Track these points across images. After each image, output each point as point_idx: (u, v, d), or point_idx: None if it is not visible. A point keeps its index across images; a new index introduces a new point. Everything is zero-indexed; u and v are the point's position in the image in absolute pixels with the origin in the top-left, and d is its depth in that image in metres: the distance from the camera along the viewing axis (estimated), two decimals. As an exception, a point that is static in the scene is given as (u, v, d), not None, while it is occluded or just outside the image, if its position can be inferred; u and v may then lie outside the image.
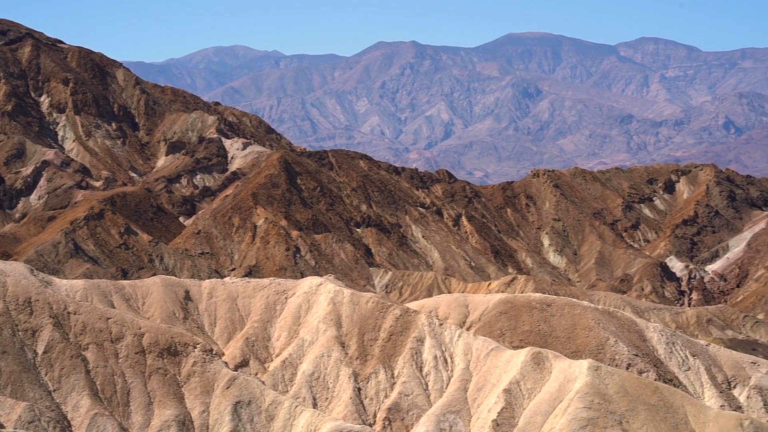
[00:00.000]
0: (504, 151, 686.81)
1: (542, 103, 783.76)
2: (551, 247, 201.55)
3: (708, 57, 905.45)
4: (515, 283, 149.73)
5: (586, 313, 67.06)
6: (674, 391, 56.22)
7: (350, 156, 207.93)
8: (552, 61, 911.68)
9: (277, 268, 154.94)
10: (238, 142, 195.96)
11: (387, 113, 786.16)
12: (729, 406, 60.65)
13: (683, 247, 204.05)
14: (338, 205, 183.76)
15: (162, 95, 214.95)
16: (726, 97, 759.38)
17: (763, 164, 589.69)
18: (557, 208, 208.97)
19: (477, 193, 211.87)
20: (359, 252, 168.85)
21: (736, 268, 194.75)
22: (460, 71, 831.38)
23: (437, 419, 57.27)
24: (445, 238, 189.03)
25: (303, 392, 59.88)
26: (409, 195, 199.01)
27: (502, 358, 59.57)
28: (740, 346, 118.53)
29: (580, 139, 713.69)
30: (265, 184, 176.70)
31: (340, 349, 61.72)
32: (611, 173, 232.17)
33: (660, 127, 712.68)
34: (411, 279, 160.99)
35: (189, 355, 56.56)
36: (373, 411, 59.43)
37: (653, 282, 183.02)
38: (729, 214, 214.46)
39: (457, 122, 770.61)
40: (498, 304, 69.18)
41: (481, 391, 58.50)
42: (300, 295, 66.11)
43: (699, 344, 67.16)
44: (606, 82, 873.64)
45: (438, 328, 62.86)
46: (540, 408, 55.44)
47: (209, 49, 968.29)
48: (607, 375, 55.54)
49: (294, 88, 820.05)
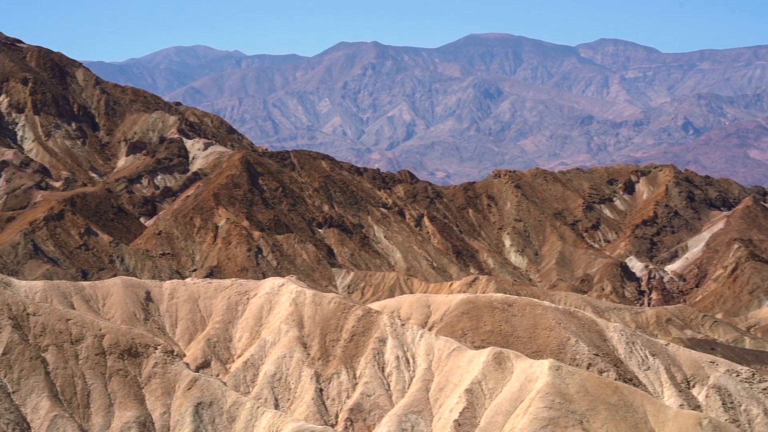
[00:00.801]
0: (465, 151, 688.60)
1: (503, 104, 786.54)
2: (512, 248, 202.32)
3: (667, 58, 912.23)
4: (477, 283, 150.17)
5: (547, 313, 67.38)
6: (634, 391, 56.62)
7: (312, 156, 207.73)
8: (513, 62, 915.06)
9: (238, 268, 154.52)
10: (200, 142, 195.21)
11: (349, 114, 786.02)
12: (688, 406, 61.15)
13: (643, 247, 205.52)
14: (300, 206, 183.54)
15: (122, 95, 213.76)
16: (685, 99, 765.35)
17: (722, 165, 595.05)
18: (518, 208, 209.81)
19: (439, 193, 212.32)
20: (321, 252, 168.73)
21: (695, 268, 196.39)
22: (422, 72, 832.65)
23: (399, 419, 57.35)
24: (407, 239, 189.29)
25: (265, 393, 59.78)
26: (371, 195, 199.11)
27: (463, 358, 59.74)
28: (699, 346, 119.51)
29: (541, 140, 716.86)
30: (226, 184, 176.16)
31: (302, 350, 61.67)
32: (572, 174, 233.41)
33: (620, 128, 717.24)
34: (373, 279, 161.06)
35: (150, 356, 56.33)
36: (335, 411, 59.43)
37: (613, 282, 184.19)
38: (688, 214, 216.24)
39: (419, 123, 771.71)
40: (460, 304, 69.35)
41: (442, 392, 58.65)
42: (262, 295, 65.99)
43: (658, 344, 67.66)
44: (566, 83, 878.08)
45: (400, 329, 62.95)
46: (501, 408, 55.66)
47: (170, 49, 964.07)
48: (567, 375, 55.85)
49: (256, 89, 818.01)
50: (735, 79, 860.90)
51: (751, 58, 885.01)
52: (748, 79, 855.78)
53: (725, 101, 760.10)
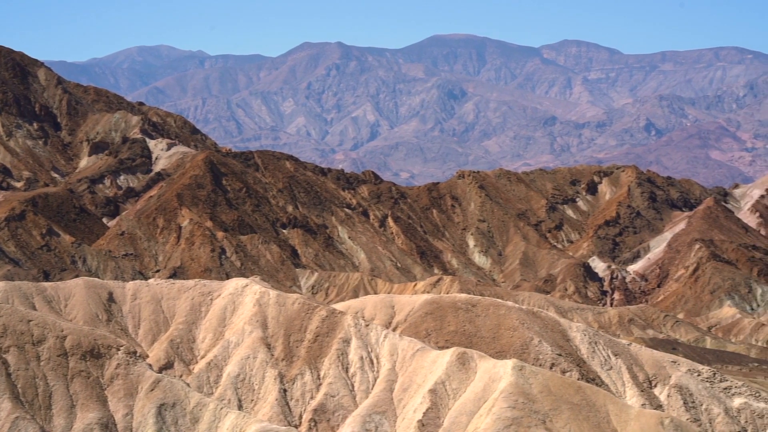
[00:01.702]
0: (430, 152, 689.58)
1: (467, 105, 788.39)
2: (476, 248, 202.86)
3: (629, 60, 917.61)
4: (441, 283, 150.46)
5: (510, 313, 67.62)
6: (597, 391, 56.93)
7: (276, 157, 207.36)
8: (477, 62, 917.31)
9: (202, 269, 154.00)
10: (163, 142, 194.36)
11: (313, 114, 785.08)
12: (650, 405, 61.55)
13: (605, 247, 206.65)
14: (264, 206, 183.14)
15: (85, 95, 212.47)
16: (647, 100, 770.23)
17: (683, 166, 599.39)
18: (482, 209, 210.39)
19: (403, 194, 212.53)
20: (285, 253, 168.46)
21: (656, 269, 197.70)
22: (386, 72, 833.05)
23: (363, 420, 57.38)
24: (371, 239, 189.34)
25: (228, 394, 59.63)
26: (335, 196, 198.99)
27: (427, 358, 59.84)
28: (661, 346, 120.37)
29: (505, 141, 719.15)
30: (190, 184, 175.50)
31: (266, 351, 61.56)
32: (535, 174, 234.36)
33: (583, 129, 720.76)
34: (337, 280, 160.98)
35: (112, 357, 56.04)
36: (299, 412, 59.37)
37: (576, 282, 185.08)
38: (650, 214, 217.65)
39: (383, 123, 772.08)
40: (424, 304, 69.47)
41: (406, 392, 58.73)
42: (225, 296, 65.81)
43: (621, 344, 68.05)
44: (530, 84, 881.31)
45: (364, 329, 62.99)
46: (465, 408, 55.81)
47: (133, 48, 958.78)
48: (531, 375, 56.07)
49: (219, 89, 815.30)
50: (696, 80, 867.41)
51: (713, 59, 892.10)
52: (709, 80, 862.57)
53: (687, 102, 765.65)
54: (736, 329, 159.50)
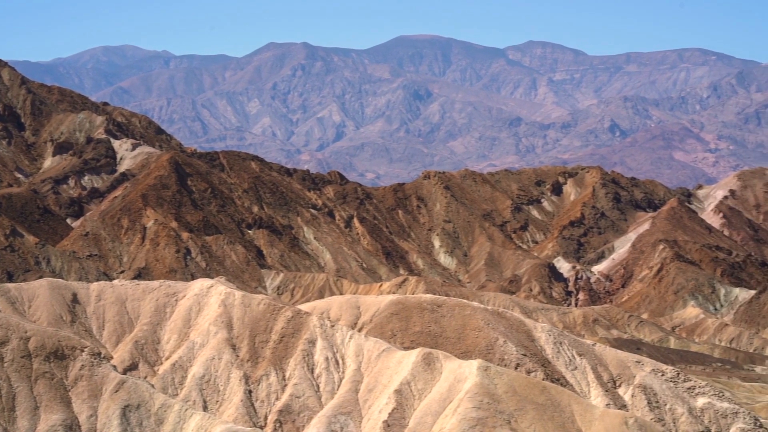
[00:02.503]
0: (395, 152, 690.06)
1: (433, 106, 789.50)
2: (442, 249, 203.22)
3: (594, 61, 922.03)
4: (406, 284, 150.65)
5: (475, 313, 67.78)
6: (561, 391, 57.18)
7: (241, 157, 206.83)
8: (442, 63, 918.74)
9: (167, 270, 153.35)
10: (127, 142, 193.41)
11: (278, 114, 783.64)
12: (614, 405, 61.87)
13: (570, 248, 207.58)
14: (229, 207, 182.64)
15: (49, 95, 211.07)
16: (611, 101, 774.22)
17: (647, 167, 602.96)
18: (448, 209, 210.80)
19: (368, 194, 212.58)
20: (251, 254, 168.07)
21: (621, 269, 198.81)
22: (352, 73, 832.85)
23: (328, 420, 57.36)
24: (336, 240, 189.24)
25: (193, 395, 59.44)
26: (300, 196, 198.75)
27: (393, 359, 59.90)
28: (625, 346, 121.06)
29: (470, 141, 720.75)
30: (154, 185, 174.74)
31: (231, 352, 61.41)
32: (500, 175, 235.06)
33: (548, 130, 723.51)
34: (303, 281, 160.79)
35: (76, 358, 55.74)
36: (264, 413, 59.27)
37: (541, 282, 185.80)
38: (614, 215, 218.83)
39: (348, 124, 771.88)
40: (389, 305, 69.51)
41: (372, 392, 58.76)
42: (190, 297, 65.59)
43: (585, 344, 68.37)
44: (495, 84, 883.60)
45: (329, 330, 62.96)
46: (430, 408, 55.91)
47: (97, 48, 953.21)
48: (496, 375, 56.25)
49: (184, 89, 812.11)
50: (660, 81, 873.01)
51: (676, 61, 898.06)
52: (673, 81, 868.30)
53: (651, 103, 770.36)
54: (699, 329, 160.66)
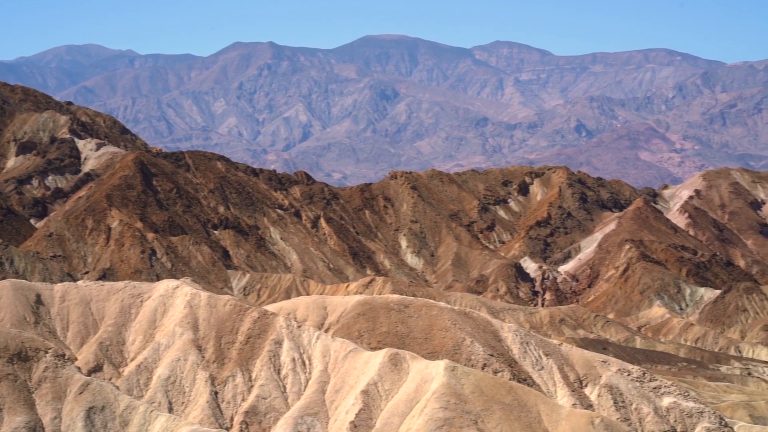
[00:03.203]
0: (362, 152, 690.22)
1: (399, 105, 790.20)
2: (409, 249, 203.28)
3: (560, 61, 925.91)
4: (373, 284, 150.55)
5: (442, 314, 67.70)
6: (528, 391, 57.21)
7: (207, 157, 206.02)
8: (409, 63, 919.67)
9: (132, 270, 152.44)
10: (92, 142, 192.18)
11: (244, 114, 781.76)
12: (581, 405, 61.96)
13: (537, 248, 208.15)
14: (195, 207, 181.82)
15: (12, 94, 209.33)
16: (577, 101, 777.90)
17: (613, 167, 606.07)
18: (414, 209, 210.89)
19: (335, 194, 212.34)
20: (216, 254, 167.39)
21: (587, 269, 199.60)
22: (318, 73, 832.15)
23: (295, 422, 57.13)
24: (303, 240, 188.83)
25: (158, 397, 59.04)
26: (267, 197, 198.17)
27: (360, 359, 59.74)
28: (591, 346, 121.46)
29: (437, 142, 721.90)
30: (119, 185, 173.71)
31: (197, 353, 61.05)
32: (467, 175, 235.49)
33: (514, 130, 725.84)
34: (269, 281, 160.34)
35: (40, 360, 55.22)
36: (231, 414, 58.95)
37: (508, 283, 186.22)
38: (581, 215, 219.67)
39: (315, 124, 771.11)
40: (356, 305, 69.33)
41: (338, 393, 58.58)
42: (156, 298, 65.15)
43: (552, 344, 68.45)
44: (462, 85, 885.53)
45: (296, 331, 62.70)
46: (397, 409, 55.79)
47: (61, 47, 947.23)
48: (463, 375, 56.20)
49: (149, 88, 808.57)
50: (626, 82, 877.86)
51: (642, 61, 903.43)
52: (638, 82, 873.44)
53: (617, 104, 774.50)
54: (665, 329, 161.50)
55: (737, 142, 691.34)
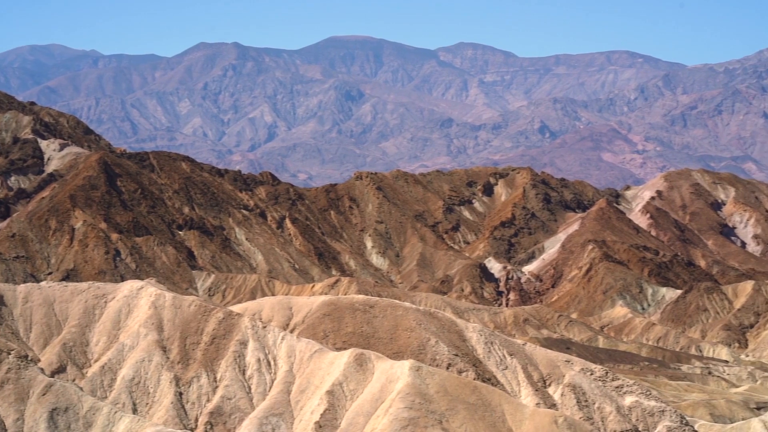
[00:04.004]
0: (327, 153, 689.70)
1: (365, 106, 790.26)
2: (374, 249, 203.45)
3: (524, 63, 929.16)
4: (339, 285, 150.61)
5: (407, 314, 67.92)
6: (492, 390, 57.53)
7: (172, 158, 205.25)
8: (374, 64, 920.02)
9: (96, 271, 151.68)
10: (55, 143, 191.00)
11: (209, 115, 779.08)
12: (544, 404, 62.35)
13: (501, 248, 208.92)
14: (160, 208, 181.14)
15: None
16: (541, 102, 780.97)
17: (576, 168, 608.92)
18: (380, 210, 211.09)
19: (301, 195, 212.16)
20: (181, 255, 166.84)
21: (551, 269, 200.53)
22: (283, 73, 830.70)
23: (260, 422, 57.15)
24: (268, 241, 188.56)
25: (123, 398, 58.88)
26: (232, 197, 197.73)
27: (325, 359, 59.84)
28: (555, 345, 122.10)
29: (402, 142, 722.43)
30: (83, 185, 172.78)
31: (162, 354, 60.93)
32: (432, 176, 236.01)
33: (479, 131, 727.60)
34: (234, 282, 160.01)
35: (3, 361, 54.96)
36: (195, 415, 58.89)
37: (473, 283, 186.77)
38: (544, 216, 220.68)
39: (280, 124, 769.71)
40: (321, 306, 69.42)
41: (304, 393, 58.65)
42: (120, 299, 64.96)
43: (516, 343, 68.83)
44: (426, 86, 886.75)
45: (261, 331, 62.71)
46: (362, 409, 55.94)
47: (24, 47, 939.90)
48: (427, 375, 56.44)
49: (113, 89, 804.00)
50: (589, 83, 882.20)
51: (604, 63, 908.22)
52: (601, 83, 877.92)
53: (580, 105, 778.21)
54: (627, 329, 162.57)
55: (698, 143, 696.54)
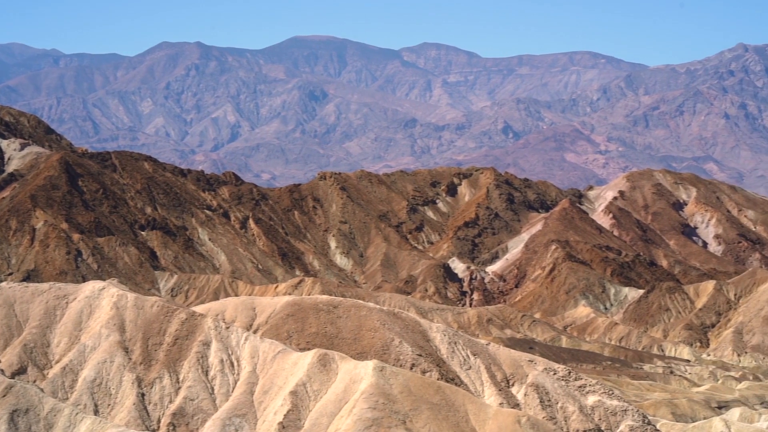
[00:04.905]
0: (291, 153, 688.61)
1: (328, 106, 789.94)
2: (338, 249, 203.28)
3: (487, 63, 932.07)
4: (302, 285, 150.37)
5: (371, 314, 67.87)
6: (456, 390, 57.58)
7: (134, 157, 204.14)
8: (338, 64, 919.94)
9: (57, 272, 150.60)
10: (16, 142, 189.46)
11: (172, 114, 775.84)
12: (507, 404, 62.48)
13: (465, 248, 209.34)
14: (122, 208, 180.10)
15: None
16: (504, 103, 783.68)
17: (540, 168, 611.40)
18: (344, 210, 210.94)
19: (264, 195, 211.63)
20: (144, 255, 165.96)
21: (514, 269, 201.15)
22: (246, 73, 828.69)
23: (223, 423, 56.92)
24: (232, 241, 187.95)
25: (84, 399, 58.47)
26: (195, 197, 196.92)
27: (288, 360, 59.68)
28: (518, 345, 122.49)
29: (366, 143, 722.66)
30: (44, 185, 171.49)
31: (124, 355, 60.56)
32: (396, 176, 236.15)
33: (442, 131, 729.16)
34: (197, 282, 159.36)
35: (-37, 363, 54.46)
36: (158, 416, 58.57)
37: (436, 283, 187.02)
38: (508, 216, 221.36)
39: (243, 124, 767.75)
40: (285, 306, 69.23)
41: (267, 394, 58.47)
42: (81, 299, 64.49)
43: (479, 343, 68.93)
44: (390, 86, 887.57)
45: (224, 332, 62.46)
46: (326, 409, 55.84)
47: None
48: (391, 375, 56.40)
49: (75, 88, 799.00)
50: (552, 84, 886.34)
51: (567, 63, 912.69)
52: (564, 84, 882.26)
53: (543, 106, 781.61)
54: (590, 328, 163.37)
55: (660, 143, 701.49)
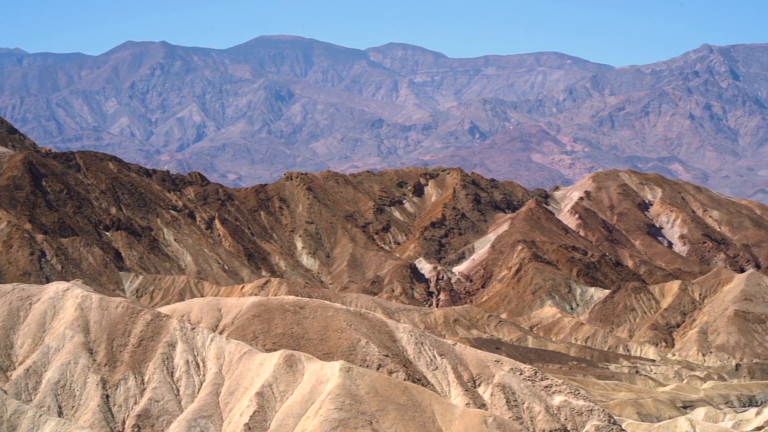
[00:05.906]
0: (257, 153, 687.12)
1: (295, 107, 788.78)
2: (304, 250, 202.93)
3: (454, 63, 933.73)
4: (269, 285, 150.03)
5: (338, 315, 67.76)
6: (422, 391, 57.55)
7: (99, 158, 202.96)
8: (304, 64, 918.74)
9: (20, 273, 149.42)
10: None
11: (137, 114, 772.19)
12: (474, 404, 62.53)
13: (431, 248, 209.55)
14: (86, 208, 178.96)
15: None
16: (471, 103, 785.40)
17: (506, 168, 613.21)
18: (310, 210, 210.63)
19: (230, 195, 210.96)
20: (108, 256, 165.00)
21: (481, 269, 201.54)
22: (212, 73, 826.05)
23: (188, 424, 56.63)
24: (197, 242, 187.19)
25: (48, 401, 58.03)
26: (160, 198, 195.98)
27: (254, 361, 59.47)
28: (485, 345, 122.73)
29: (333, 143, 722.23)
30: (7, 186, 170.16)
31: (88, 356, 60.14)
32: (363, 176, 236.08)
33: (409, 132, 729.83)
34: (163, 283, 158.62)
35: (-76, 365, 53.90)
36: (122, 418, 58.20)
37: (403, 283, 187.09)
38: (474, 216, 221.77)
39: (209, 124, 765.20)
40: (251, 307, 69.00)
41: (233, 395, 58.24)
42: (45, 300, 64.00)
43: (446, 344, 68.95)
44: (357, 86, 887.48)
45: (190, 333, 62.16)
46: (292, 410, 55.68)
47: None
48: (358, 376, 56.31)
49: (38, 87, 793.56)
50: (518, 84, 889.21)
51: (534, 64, 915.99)
52: (530, 84, 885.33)
53: (509, 106, 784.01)
54: (556, 328, 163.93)
55: (625, 144, 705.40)
